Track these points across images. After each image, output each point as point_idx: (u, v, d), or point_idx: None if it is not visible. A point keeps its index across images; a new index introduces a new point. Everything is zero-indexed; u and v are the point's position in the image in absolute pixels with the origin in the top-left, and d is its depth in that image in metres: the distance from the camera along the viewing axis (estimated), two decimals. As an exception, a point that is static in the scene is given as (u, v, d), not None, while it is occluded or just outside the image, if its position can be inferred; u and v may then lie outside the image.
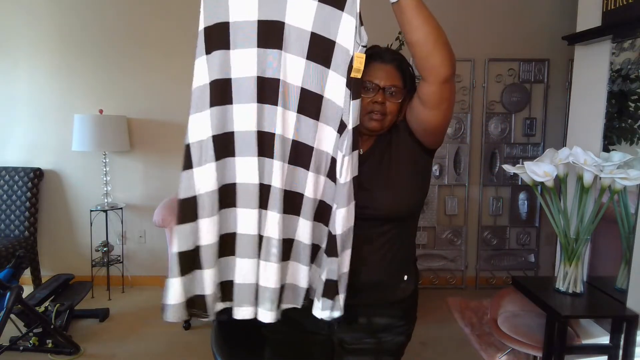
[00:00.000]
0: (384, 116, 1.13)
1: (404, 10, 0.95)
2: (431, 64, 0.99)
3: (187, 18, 3.36)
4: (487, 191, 3.54)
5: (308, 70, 0.98)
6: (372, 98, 1.12)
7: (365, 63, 1.03)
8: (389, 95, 1.13)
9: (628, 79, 1.88)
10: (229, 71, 1.00)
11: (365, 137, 1.20)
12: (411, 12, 0.94)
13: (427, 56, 0.98)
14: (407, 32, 0.98)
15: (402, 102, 1.17)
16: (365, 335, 1.23)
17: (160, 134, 3.47)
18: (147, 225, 3.50)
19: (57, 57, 3.37)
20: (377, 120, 1.13)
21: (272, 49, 0.97)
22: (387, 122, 1.15)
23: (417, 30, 0.96)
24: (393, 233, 1.17)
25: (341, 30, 0.98)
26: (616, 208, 1.83)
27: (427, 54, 0.98)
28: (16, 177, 3.29)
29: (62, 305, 2.65)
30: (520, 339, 1.95)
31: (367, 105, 1.12)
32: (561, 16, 3.33)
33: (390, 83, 1.13)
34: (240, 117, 1.00)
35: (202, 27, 1.02)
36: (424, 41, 0.97)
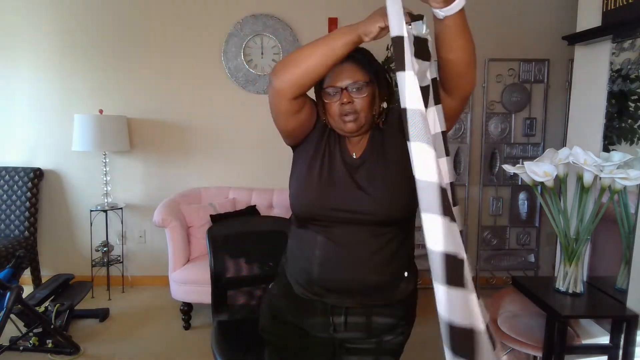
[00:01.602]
0: (357, 114, 1.12)
1: (449, 29, 0.94)
2: (462, 82, 1.02)
3: (187, 18, 3.37)
4: (487, 191, 3.54)
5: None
6: (339, 100, 1.12)
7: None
8: (354, 92, 1.12)
9: (628, 79, 1.88)
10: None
11: (355, 139, 1.20)
12: (457, 31, 0.94)
13: (460, 75, 1.00)
14: (446, 50, 0.97)
15: (373, 95, 1.15)
16: (366, 336, 1.23)
17: (160, 134, 3.47)
18: (147, 225, 3.50)
19: (58, 57, 3.37)
20: (350, 121, 1.12)
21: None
22: (362, 119, 1.14)
23: (457, 49, 0.96)
24: (392, 234, 1.17)
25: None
26: (616, 208, 1.83)
27: (461, 73, 1.00)
28: (16, 177, 3.29)
29: (62, 305, 2.65)
30: (520, 339, 1.95)
31: (337, 109, 1.13)
32: (561, 16, 3.33)
33: (351, 80, 1.12)
34: None
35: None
36: (461, 61, 0.98)
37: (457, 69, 0.99)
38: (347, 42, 1.00)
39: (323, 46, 1.02)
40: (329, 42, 1.01)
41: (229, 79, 3.41)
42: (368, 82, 1.13)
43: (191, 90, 3.44)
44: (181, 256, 2.88)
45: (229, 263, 1.81)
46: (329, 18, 3.36)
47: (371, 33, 0.98)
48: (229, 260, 1.81)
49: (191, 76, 3.42)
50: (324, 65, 1.02)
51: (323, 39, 1.02)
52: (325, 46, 1.01)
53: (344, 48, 1.01)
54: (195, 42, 3.39)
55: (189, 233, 3.03)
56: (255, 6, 3.36)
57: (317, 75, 1.04)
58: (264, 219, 2.43)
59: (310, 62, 1.02)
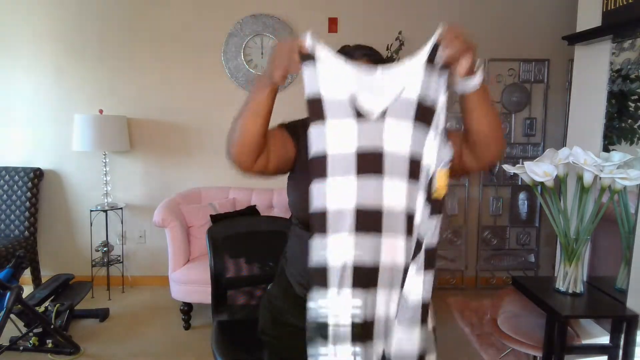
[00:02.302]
0: None
1: (470, 99, 0.98)
2: (486, 153, 1.04)
3: (187, 18, 3.37)
4: (487, 191, 3.54)
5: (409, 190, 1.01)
6: None
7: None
8: None
9: (628, 79, 1.88)
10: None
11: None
12: (478, 103, 0.98)
13: (484, 146, 1.03)
14: (470, 120, 1.01)
15: None
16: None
17: (160, 134, 3.47)
18: (147, 225, 3.50)
19: (57, 57, 3.37)
20: None
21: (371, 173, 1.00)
22: None
23: (477, 121, 1.00)
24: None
25: (426, 147, 1.01)
26: (616, 208, 1.83)
27: (485, 144, 1.03)
28: (16, 177, 3.29)
29: (62, 305, 2.65)
30: (520, 339, 1.95)
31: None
32: (561, 16, 3.33)
33: None
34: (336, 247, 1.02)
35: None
36: (481, 132, 1.01)
37: (482, 139, 1.02)
38: (269, 92, 1.03)
39: (251, 107, 1.04)
40: (253, 101, 1.04)
41: (229, 79, 3.41)
42: None
43: (191, 90, 3.44)
44: (181, 256, 2.88)
45: (229, 263, 1.81)
46: (329, 18, 3.36)
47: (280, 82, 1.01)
48: (229, 260, 1.81)
49: (191, 76, 3.42)
50: (260, 122, 1.04)
51: (247, 101, 1.05)
52: (252, 106, 1.04)
53: (268, 98, 1.03)
54: (195, 42, 3.39)
55: (189, 233, 3.03)
56: (255, 6, 3.36)
57: (261, 133, 1.05)
58: (264, 219, 2.43)
59: (248, 127, 1.04)
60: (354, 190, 0.99)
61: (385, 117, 1.00)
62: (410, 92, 0.99)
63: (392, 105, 1.00)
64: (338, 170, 0.99)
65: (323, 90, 0.99)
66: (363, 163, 0.99)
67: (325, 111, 0.99)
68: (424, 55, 0.98)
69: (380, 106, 1.00)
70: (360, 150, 0.99)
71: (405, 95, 1.00)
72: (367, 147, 0.99)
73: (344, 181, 0.99)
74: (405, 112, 0.99)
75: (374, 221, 1.00)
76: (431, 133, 1.00)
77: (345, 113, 0.99)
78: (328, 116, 0.98)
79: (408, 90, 0.99)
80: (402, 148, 1.00)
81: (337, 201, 0.99)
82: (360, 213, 0.99)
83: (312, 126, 0.99)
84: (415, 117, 0.99)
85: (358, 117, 0.99)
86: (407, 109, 0.99)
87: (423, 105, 0.99)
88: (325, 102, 0.99)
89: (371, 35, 3.29)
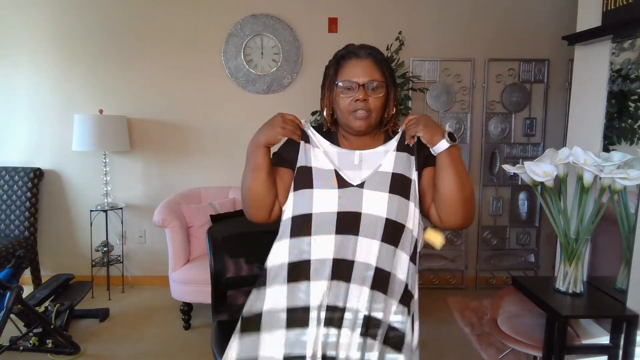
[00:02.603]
0: (369, 113, 1.14)
1: (438, 162, 1.10)
2: (450, 216, 1.12)
3: (187, 18, 3.37)
4: (487, 191, 3.54)
5: (381, 250, 1.11)
6: (354, 96, 1.12)
7: (341, 63, 1.16)
8: (370, 91, 1.13)
9: (628, 79, 1.88)
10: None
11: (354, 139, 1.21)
12: (443, 167, 1.10)
13: (448, 207, 1.11)
14: (436, 178, 1.12)
15: (387, 96, 1.17)
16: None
17: (160, 134, 3.47)
18: (147, 225, 3.50)
19: (57, 57, 3.37)
20: (362, 118, 1.13)
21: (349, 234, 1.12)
22: (373, 119, 1.15)
23: (444, 183, 1.10)
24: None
25: (409, 215, 1.14)
26: (616, 208, 1.83)
27: (445, 205, 1.12)
28: (16, 177, 3.29)
29: (62, 305, 2.65)
30: (520, 339, 1.95)
31: (349, 104, 1.13)
32: (561, 16, 3.33)
33: (369, 78, 1.13)
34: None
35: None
36: (447, 194, 1.10)
37: (442, 200, 1.12)
38: (263, 154, 1.14)
39: (251, 170, 1.16)
40: (251, 164, 1.16)
41: (229, 79, 3.41)
42: (385, 83, 1.15)
43: (191, 90, 3.44)
44: (181, 256, 2.88)
45: (229, 263, 1.81)
46: (329, 18, 3.36)
47: (277, 141, 1.14)
48: (229, 260, 1.81)
49: (191, 76, 3.42)
50: (262, 179, 1.16)
51: (247, 165, 1.18)
52: (252, 169, 1.16)
53: (265, 158, 1.15)
54: (195, 42, 3.39)
55: (189, 233, 3.03)
56: (255, 6, 3.36)
57: (267, 189, 1.17)
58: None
59: (254, 189, 1.17)
60: (332, 245, 1.11)
61: (363, 188, 1.13)
62: (386, 167, 1.15)
63: (369, 178, 1.14)
64: (321, 228, 1.12)
65: (314, 163, 1.17)
66: (342, 222, 1.11)
67: (313, 180, 1.14)
68: (394, 142, 1.18)
69: (359, 178, 1.14)
70: (340, 211, 1.12)
71: (382, 170, 1.15)
72: (347, 209, 1.12)
73: (324, 237, 1.12)
74: (382, 184, 1.13)
75: (346, 271, 1.11)
76: (410, 203, 1.14)
77: (329, 182, 1.14)
78: (315, 186, 1.14)
79: (384, 166, 1.15)
80: (379, 212, 1.11)
81: (318, 253, 1.12)
82: (336, 264, 1.11)
83: (299, 191, 1.16)
84: (390, 188, 1.12)
85: (340, 187, 1.13)
86: (383, 181, 1.13)
87: (399, 177, 1.14)
88: (314, 173, 1.15)
89: (371, 35, 3.29)
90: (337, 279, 1.11)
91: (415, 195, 1.15)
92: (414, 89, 3.22)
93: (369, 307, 1.10)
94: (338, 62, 1.18)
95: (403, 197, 1.13)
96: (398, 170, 1.15)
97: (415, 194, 1.15)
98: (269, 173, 1.16)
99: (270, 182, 1.17)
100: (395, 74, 1.22)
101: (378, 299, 1.11)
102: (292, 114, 1.17)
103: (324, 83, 1.22)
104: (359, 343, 1.10)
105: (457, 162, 1.09)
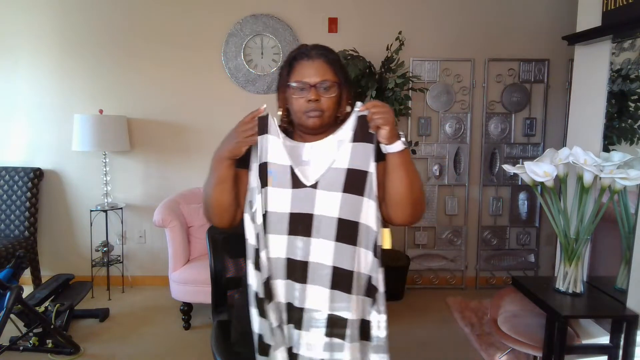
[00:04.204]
0: (322, 112, 1.14)
1: (389, 162, 1.09)
2: (399, 213, 1.13)
3: (187, 18, 3.37)
4: (487, 191, 3.54)
5: (337, 250, 1.11)
6: (306, 97, 1.13)
7: (292, 63, 1.17)
8: (322, 90, 1.14)
9: (628, 79, 1.88)
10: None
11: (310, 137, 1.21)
12: (394, 167, 1.09)
13: (398, 205, 1.12)
14: (387, 178, 1.12)
15: (340, 96, 1.18)
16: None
17: (160, 134, 3.47)
18: (147, 225, 3.50)
19: (57, 57, 3.37)
20: (315, 117, 1.14)
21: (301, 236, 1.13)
22: (326, 118, 1.16)
23: (394, 182, 1.10)
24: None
25: (363, 212, 1.13)
26: (616, 208, 1.83)
27: (398, 203, 1.12)
28: (16, 177, 3.29)
29: (62, 305, 2.65)
30: (520, 339, 1.95)
31: (302, 105, 1.14)
32: (561, 16, 3.33)
33: (321, 78, 1.13)
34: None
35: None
36: (395, 192, 1.11)
37: (393, 200, 1.12)
38: (227, 166, 1.15)
39: (215, 183, 1.16)
40: (215, 178, 1.16)
41: (229, 79, 3.41)
42: (337, 83, 1.16)
43: (191, 90, 3.44)
44: (181, 256, 2.88)
45: (229, 263, 1.81)
46: (329, 18, 3.36)
47: (240, 153, 1.13)
48: (229, 260, 1.81)
49: (191, 76, 3.42)
50: (227, 190, 1.16)
51: (210, 177, 1.18)
52: (216, 182, 1.16)
53: (229, 170, 1.15)
54: (195, 42, 3.39)
55: (189, 233, 3.02)
56: (255, 6, 3.36)
57: (231, 199, 1.17)
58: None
59: (217, 198, 1.16)
60: (285, 244, 1.13)
61: (317, 188, 1.12)
62: (340, 163, 1.12)
63: (323, 177, 1.12)
64: (273, 228, 1.13)
65: (270, 158, 1.15)
66: (295, 223, 1.12)
67: (269, 177, 1.14)
68: (348, 131, 1.13)
69: (313, 178, 1.13)
70: (293, 212, 1.13)
71: (336, 166, 1.12)
72: (299, 210, 1.13)
73: (277, 237, 1.14)
74: (335, 183, 1.11)
75: (301, 272, 1.13)
76: (364, 199, 1.12)
77: (285, 181, 1.13)
78: (269, 184, 1.14)
79: (338, 162, 1.12)
80: (331, 213, 1.11)
81: (273, 252, 1.15)
82: (291, 264, 1.13)
83: (263, 189, 1.14)
84: (344, 186, 1.11)
85: (294, 187, 1.13)
86: (337, 179, 1.11)
87: (353, 173, 1.11)
88: (271, 168, 1.14)
89: (371, 35, 3.29)
90: (291, 279, 1.13)
91: (371, 189, 1.13)
92: (414, 89, 3.22)
93: (331, 307, 1.11)
94: (290, 63, 1.18)
95: (357, 195, 1.12)
96: (354, 165, 1.12)
97: (372, 187, 1.13)
98: (234, 183, 1.16)
99: (235, 191, 1.18)
100: (345, 74, 1.21)
101: (340, 298, 1.11)
102: (251, 113, 1.15)
103: (278, 84, 1.23)
104: (325, 343, 1.10)
105: (410, 163, 1.11)
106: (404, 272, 3.26)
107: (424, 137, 3.45)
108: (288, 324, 1.15)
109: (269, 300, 1.14)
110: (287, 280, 1.14)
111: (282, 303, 1.15)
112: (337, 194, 1.11)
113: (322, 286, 1.11)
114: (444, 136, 3.46)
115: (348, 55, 3.00)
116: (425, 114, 3.43)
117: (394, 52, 3.03)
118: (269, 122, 1.17)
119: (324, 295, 1.11)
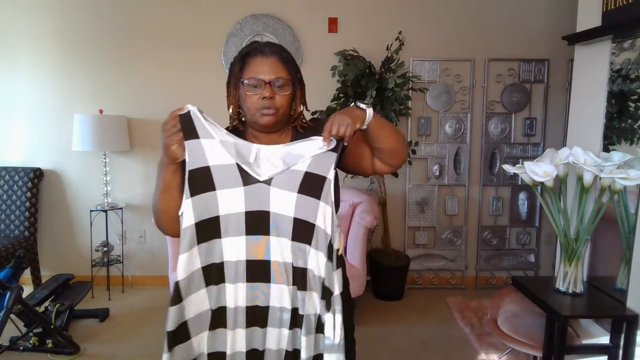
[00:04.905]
0: (276, 110, 1.13)
1: (371, 130, 1.10)
2: (394, 160, 1.18)
3: (187, 18, 3.37)
4: (487, 191, 3.54)
5: (294, 249, 1.10)
6: (261, 94, 1.12)
7: (246, 60, 1.15)
8: (276, 88, 1.13)
9: (628, 79, 1.88)
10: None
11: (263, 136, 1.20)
12: (377, 129, 1.11)
13: (393, 154, 1.17)
14: (374, 142, 1.14)
15: (294, 94, 1.17)
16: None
17: (160, 134, 3.46)
18: (147, 225, 3.50)
19: (57, 57, 3.37)
20: (269, 115, 1.13)
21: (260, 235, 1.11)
22: (280, 116, 1.15)
23: (383, 140, 1.13)
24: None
25: (319, 215, 1.10)
26: (616, 208, 1.83)
27: (392, 153, 1.16)
28: (16, 177, 3.29)
29: (62, 305, 2.65)
30: (520, 339, 1.95)
31: (256, 102, 1.13)
32: (561, 16, 3.33)
33: (275, 76, 1.12)
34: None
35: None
36: (389, 146, 1.15)
37: (387, 151, 1.16)
38: (172, 172, 1.09)
39: (161, 191, 1.11)
40: (160, 185, 1.11)
41: (229, 79, 3.41)
42: (291, 81, 1.15)
43: (191, 90, 3.44)
44: (181, 256, 2.87)
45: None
46: (329, 18, 3.36)
47: (177, 155, 1.09)
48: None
49: (191, 76, 3.42)
50: (174, 198, 1.10)
51: (156, 185, 1.12)
52: (162, 190, 1.10)
53: (174, 175, 1.10)
54: (195, 42, 3.39)
55: (189, 233, 3.02)
56: (255, 6, 3.36)
57: (176, 203, 1.09)
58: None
59: (165, 206, 1.11)
60: (243, 246, 1.10)
61: (270, 185, 1.09)
62: (300, 166, 1.10)
63: (278, 175, 1.09)
64: (230, 230, 1.09)
65: (211, 161, 1.09)
66: (252, 222, 1.09)
67: (214, 181, 1.08)
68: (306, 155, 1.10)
69: (267, 174, 1.09)
70: (248, 210, 1.10)
71: (295, 168, 1.10)
72: (255, 208, 1.10)
73: (235, 239, 1.10)
74: (291, 183, 1.09)
75: (262, 271, 1.12)
76: (321, 203, 1.10)
77: (233, 180, 1.08)
78: (217, 187, 1.08)
79: (298, 165, 1.10)
80: (287, 212, 1.09)
81: (230, 255, 1.11)
82: (249, 264, 1.11)
83: (200, 195, 1.08)
84: (300, 188, 1.09)
85: (245, 183, 1.09)
86: (294, 180, 1.09)
87: (311, 177, 1.09)
88: (214, 172, 1.08)
89: (371, 35, 3.29)
90: (253, 281, 1.11)
91: (328, 194, 1.10)
92: (414, 89, 3.22)
93: (292, 303, 1.11)
94: (243, 59, 1.17)
95: (313, 197, 1.09)
96: (313, 169, 1.10)
97: (330, 193, 1.10)
98: (180, 190, 1.10)
99: (180, 200, 1.11)
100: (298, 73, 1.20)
101: (299, 294, 1.11)
102: (171, 114, 1.12)
103: (229, 81, 1.21)
104: (288, 336, 1.12)
105: (383, 120, 1.15)
106: (404, 272, 3.27)
107: (424, 137, 3.45)
108: (249, 327, 1.13)
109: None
110: (247, 283, 1.12)
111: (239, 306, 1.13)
112: (292, 194, 1.09)
113: (284, 284, 1.12)
114: (444, 136, 3.46)
115: (348, 55, 3.01)
116: (425, 114, 3.44)
117: (394, 52, 3.03)
118: (194, 120, 1.13)
119: (286, 292, 1.12)
